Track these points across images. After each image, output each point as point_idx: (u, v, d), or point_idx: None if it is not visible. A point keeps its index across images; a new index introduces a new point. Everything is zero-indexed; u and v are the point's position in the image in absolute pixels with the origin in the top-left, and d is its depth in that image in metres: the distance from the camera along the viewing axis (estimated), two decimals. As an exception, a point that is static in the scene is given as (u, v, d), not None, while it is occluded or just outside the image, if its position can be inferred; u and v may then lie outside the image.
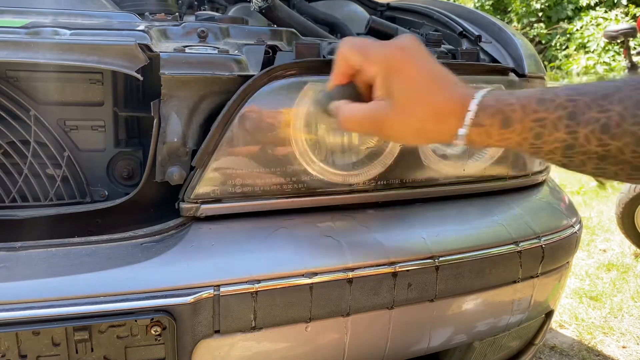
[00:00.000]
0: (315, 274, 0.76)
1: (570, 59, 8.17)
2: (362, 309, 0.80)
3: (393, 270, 0.80)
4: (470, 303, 0.90)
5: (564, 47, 8.56)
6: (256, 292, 0.73)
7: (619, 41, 5.12)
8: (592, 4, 8.33)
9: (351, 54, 0.67)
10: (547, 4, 8.82)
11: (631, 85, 0.56)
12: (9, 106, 0.79)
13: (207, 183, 0.78)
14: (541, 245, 0.93)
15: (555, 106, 0.58)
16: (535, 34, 8.91)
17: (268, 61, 0.84)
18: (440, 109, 0.63)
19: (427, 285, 0.83)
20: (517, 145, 0.61)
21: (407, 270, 0.81)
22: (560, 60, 8.46)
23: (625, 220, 2.68)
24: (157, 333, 0.69)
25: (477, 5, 9.70)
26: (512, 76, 0.98)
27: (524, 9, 9.11)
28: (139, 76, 0.75)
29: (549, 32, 8.84)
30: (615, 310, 2.17)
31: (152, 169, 0.79)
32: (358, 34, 1.22)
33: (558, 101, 0.58)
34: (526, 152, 0.62)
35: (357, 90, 0.70)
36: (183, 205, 0.79)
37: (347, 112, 0.68)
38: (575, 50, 8.24)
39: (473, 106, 0.61)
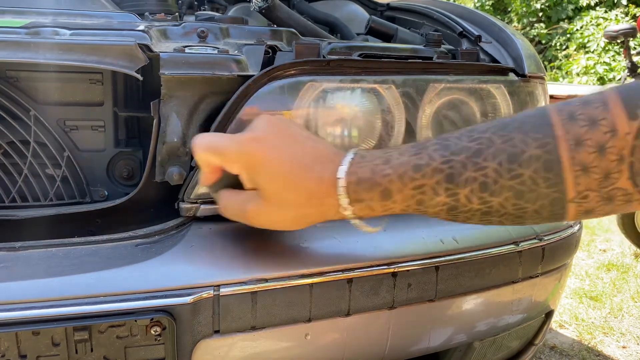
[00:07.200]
0: (315, 274, 0.76)
1: (570, 59, 8.17)
2: (362, 309, 0.80)
3: (393, 270, 0.80)
4: (470, 303, 0.90)
5: (564, 47, 8.56)
6: (256, 292, 0.73)
7: (619, 41, 5.12)
8: (592, 4, 8.33)
9: (208, 156, 0.65)
10: (547, 4, 8.81)
11: (502, 137, 0.55)
12: (9, 106, 0.79)
13: (207, 183, 0.78)
14: (541, 246, 0.93)
15: (432, 171, 0.57)
16: (535, 34, 8.91)
17: (268, 61, 0.84)
18: (313, 193, 0.61)
19: (427, 285, 0.83)
20: (402, 212, 0.61)
21: (407, 270, 0.81)
22: (560, 60, 8.46)
23: (626, 220, 2.68)
24: (156, 333, 0.69)
25: (477, 5, 9.70)
26: (512, 76, 0.98)
27: (524, 9, 9.10)
28: (138, 76, 0.75)
29: (549, 32, 8.84)
30: (615, 310, 2.17)
31: (152, 169, 0.79)
32: (358, 34, 1.22)
33: (434, 165, 0.57)
34: (412, 213, 0.61)
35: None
36: (183, 205, 0.79)
37: (223, 202, 0.68)
38: (575, 50, 8.24)
39: (340, 188, 0.60)
